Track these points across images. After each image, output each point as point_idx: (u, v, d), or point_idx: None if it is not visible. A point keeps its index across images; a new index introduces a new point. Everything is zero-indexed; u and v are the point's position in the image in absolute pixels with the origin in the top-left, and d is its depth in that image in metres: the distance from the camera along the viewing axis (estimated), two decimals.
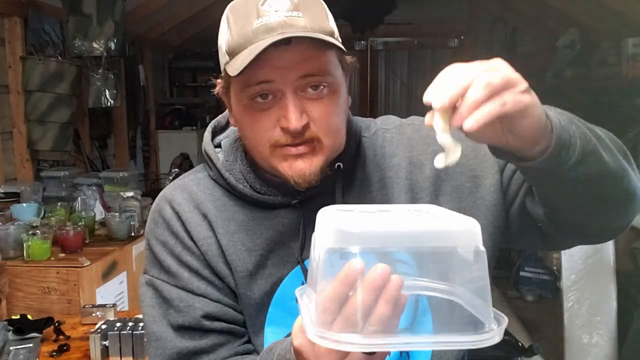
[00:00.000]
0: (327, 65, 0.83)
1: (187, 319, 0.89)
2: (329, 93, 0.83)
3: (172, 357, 0.89)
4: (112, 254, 2.42)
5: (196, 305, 0.89)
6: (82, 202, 2.81)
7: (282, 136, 0.82)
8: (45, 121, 2.96)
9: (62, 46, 3.21)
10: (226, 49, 0.85)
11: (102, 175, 3.29)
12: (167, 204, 0.94)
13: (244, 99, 0.84)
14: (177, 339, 0.89)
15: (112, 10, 3.05)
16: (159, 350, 0.90)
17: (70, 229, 2.36)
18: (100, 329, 1.61)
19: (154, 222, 0.95)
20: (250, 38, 0.79)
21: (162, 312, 0.91)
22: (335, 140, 0.86)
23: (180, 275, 0.91)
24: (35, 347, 1.61)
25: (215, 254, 0.91)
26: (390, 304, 0.57)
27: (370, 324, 0.58)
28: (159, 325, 0.91)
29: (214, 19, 5.48)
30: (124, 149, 4.26)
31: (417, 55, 5.75)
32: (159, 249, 0.93)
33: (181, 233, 0.92)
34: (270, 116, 0.82)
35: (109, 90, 3.15)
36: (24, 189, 2.77)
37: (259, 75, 0.80)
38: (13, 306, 2.19)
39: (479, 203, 0.90)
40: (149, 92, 4.69)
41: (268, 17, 0.79)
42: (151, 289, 0.93)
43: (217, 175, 0.94)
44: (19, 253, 2.27)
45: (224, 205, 0.93)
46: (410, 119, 1.00)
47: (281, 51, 0.79)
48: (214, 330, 0.89)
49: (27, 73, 2.90)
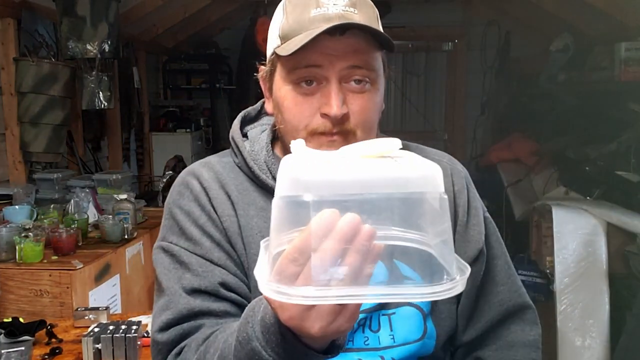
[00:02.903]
0: (374, 62, 0.86)
1: (204, 282, 0.89)
2: (370, 89, 0.86)
3: (182, 313, 0.88)
4: (105, 256, 2.41)
5: (215, 272, 0.90)
6: (75, 205, 2.79)
7: (321, 124, 0.85)
8: (39, 123, 2.95)
9: (55, 48, 3.20)
10: (279, 33, 0.87)
11: (95, 178, 3.28)
12: (195, 179, 0.96)
13: (289, 82, 0.86)
14: (190, 298, 0.89)
15: (106, 12, 3.04)
16: (172, 303, 0.89)
17: (63, 232, 2.35)
18: (93, 332, 1.60)
19: (179, 193, 0.97)
20: (307, 25, 0.82)
21: (179, 276, 0.91)
22: (367, 137, 0.87)
23: (202, 244, 0.92)
24: (27, 350, 1.60)
25: (235, 232, 0.92)
26: (360, 254, 0.54)
27: (338, 274, 0.54)
28: (172, 283, 0.91)
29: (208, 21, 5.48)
30: (117, 151, 4.25)
31: (411, 58, 5.76)
32: (182, 218, 0.94)
33: (207, 206, 0.93)
34: (313, 102, 0.85)
35: (103, 92, 3.14)
36: (17, 191, 2.76)
37: (309, 60, 0.83)
38: (5, 309, 2.18)
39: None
40: (143, 94, 4.68)
41: (326, 8, 0.83)
42: (168, 255, 0.94)
43: (242, 162, 0.96)
44: (11, 255, 2.26)
45: (245, 190, 0.95)
46: (438, 154, 1.04)
47: (334, 40, 0.82)
48: (228, 299, 0.89)
49: (20, 75, 2.89)
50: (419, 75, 5.77)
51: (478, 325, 0.99)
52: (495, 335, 1.00)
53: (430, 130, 5.74)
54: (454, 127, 5.75)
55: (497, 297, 0.99)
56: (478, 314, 0.99)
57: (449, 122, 5.81)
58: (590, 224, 2.91)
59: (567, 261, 2.90)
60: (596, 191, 3.20)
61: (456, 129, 5.73)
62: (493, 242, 1.01)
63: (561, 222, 2.96)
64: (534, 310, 1.04)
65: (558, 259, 2.92)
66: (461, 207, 0.98)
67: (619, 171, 3.21)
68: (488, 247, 0.99)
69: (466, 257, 0.96)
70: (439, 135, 5.73)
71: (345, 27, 0.81)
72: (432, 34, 5.60)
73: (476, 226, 0.98)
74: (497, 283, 1.00)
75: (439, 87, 5.83)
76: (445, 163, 1.02)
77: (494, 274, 1.00)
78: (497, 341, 0.99)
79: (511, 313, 1.00)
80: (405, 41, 5.62)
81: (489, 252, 0.99)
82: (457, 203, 0.98)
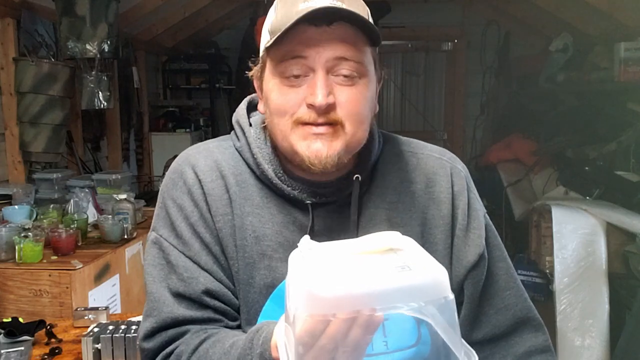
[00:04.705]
0: (362, 55, 0.85)
1: (187, 289, 0.89)
2: (359, 83, 0.85)
3: (166, 321, 0.89)
4: (105, 256, 2.41)
5: (200, 279, 0.90)
6: (74, 205, 2.79)
7: (306, 113, 0.84)
8: (38, 123, 2.95)
9: (55, 48, 3.19)
10: (269, 29, 0.87)
11: (95, 178, 3.28)
12: (190, 168, 0.94)
13: (277, 75, 0.85)
14: (175, 305, 0.90)
15: (105, 11, 3.04)
16: (155, 311, 0.91)
17: (63, 232, 2.35)
18: (93, 332, 1.60)
19: (173, 182, 0.95)
20: (294, 17, 0.81)
21: (164, 275, 0.92)
22: (357, 130, 0.86)
23: (191, 245, 0.91)
24: (26, 350, 1.60)
25: (228, 233, 0.91)
26: (361, 328, 0.61)
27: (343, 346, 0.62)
28: (158, 287, 0.92)
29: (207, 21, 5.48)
30: (117, 151, 4.24)
31: (411, 58, 5.77)
32: (174, 212, 0.93)
33: (201, 203, 0.92)
34: (299, 93, 0.84)
35: (102, 92, 3.14)
36: (16, 191, 2.76)
37: (295, 51, 0.83)
38: (4, 309, 2.18)
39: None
40: (143, 94, 4.67)
41: (314, 2, 0.82)
42: (158, 249, 0.93)
43: (244, 146, 0.94)
44: (11, 255, 2.26)
45: (244, 182, 0.93)
46: (439, 151, 1.01)
47: (321, 31, 0.82)
48: (211, 307, 0.90)
49: (19, 74, 2.89)
50: (419, 75, 5.77)
51: (486, 329, 0.96)
52: (509, 344, 0.97)
53: (430, 130, 5.74)
54: (453, 127, 5.76)
55: (503, 302, 0.97)
56: (484, 318, 0.96)
57: (448, 122, 5.81)
58: (590, 224, 2.91)
59: (566, 261, 2.90)
60: (596, 191, 3.20)
61: (455, 129, 5.73)
62: (494, 246, 0.99)
63: (561, 222, 2.96)
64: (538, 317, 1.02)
65: (557, 259, 2.92)
66: (460, 209, 0.96)
67: (618, 171, 3.21)
68: (489, 251, 0.97)
69: (466, 262, 0.94)
70: (438, 135, 5.73)
71: (330, 15, 0.81)
72: (432, 34, 5.60)
73: (476, 229, 0.96)
74: (502, 288, 0.97)
75: (438, 87, 5.84)
76: (445, 161, 0.99)
77: (497, 278, 0.98)
78: (510, 349, 0.97)
79: (522, 320, 0.97)
80: (405, 41, 5.62)
81: (490, 255, 0.97)
82: (457, 205, 0.96)
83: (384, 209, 0.93)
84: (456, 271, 0.95)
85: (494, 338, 0.97)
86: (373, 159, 0.94)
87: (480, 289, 0.96)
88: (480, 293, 0.96)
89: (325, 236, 0.91)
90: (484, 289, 0.97)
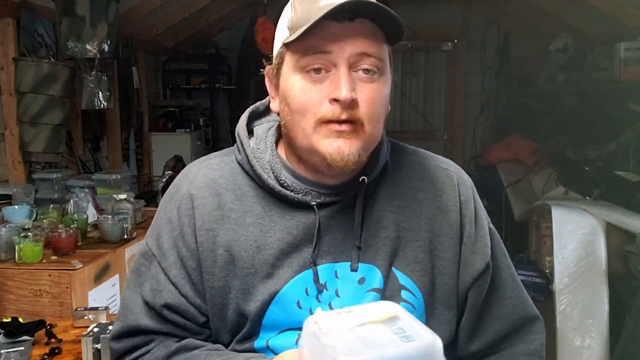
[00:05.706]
0: (382, 51, 0.86)
1: (153, 300, 0.93)
2: (379, 80, 0.86)
3: (130, 328, 0.94)
4: (105, 256, 2.41)
5: (163, 293, 0.93)
6: (74, 205, 2.79)
7: (329, 110, 0.84)
8: (38, 123, 2.95)
9: (55, 48, 3.19)
10: (288, 25, 0.86)
11: (94, 178, 3.28)
12: (187, 183, 0.97)
13: (298, 71, 0.85)
14: (141, 313, 0.93)
15: (105, 11, 3.04)
16: (122, 316, 0.96)
17: (63, 232, 2.35)
18: (93, 332, 1.60)
19: (170, 195, 0.99)
20: (316, 13, 0.81)
21: (140, 282, 0.96)
22: (374, 130, 0.87)
23: (167, 256, 0.94)
24: (26, 350, 1.60)
25: (210, 248, 0.92)
26: None
27: None
28: (131, 293, 0.96)
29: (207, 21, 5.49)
30: (117, 151, 4.25)
31: (411, 58, 5.76)
32: (163, 223, 0.96)
33: (185, 217, 0.93)
34: (322, 90, 0.84)
35: (102, 92, 3.14)
36: (16, 191, 2.76)
37: (318, 46, 0.83)
38: (4, 309, 2.18)
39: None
40: (142, 94, 4.67)
41: None
42: (141, 256, 0.98)
43: (244, 159, 0.95)
44: (11, 255, 2.26)
45: (243, 196, 0.94)
46: (445, 162, 1.03)
47: (344, 27, 0.82)
48: (170, 321, 0.93)
49: (19, 74, 2.89)
50: (419, 75, 5.77)
51: (483, 338, 0.98)
52: (499, 349, 0.99)
53: (430, 130, 5.74)
54: (453, 127, 5.75)
55: (501, 311, 0.98)
56: (482, 327, 0.98)
57: (448, 122, 5.81)
58: (590, 223, 2.91)
59: (566, 261, 2.90)
60: (595, 191, 3.19)
61: (455, 129, 5.73)
62: (498, 254, 1.00)
63: (560, 222, 2.95)
64: (541, 320, 1.03)
65: (557, 258, 2.92)
66: (468, 218, 0.97)
67: (618, 171, 3.21)
68: (493, 260, 0.98)
69: (473, 270, 0.95)
70: (438, 135, 5.73)
71: (353, 10, 0.81)
72: (432, 34, 5.60)
73: (483, 238, 0.97)
74: (502, 296, 0.99)
75: (438, 87, 5.83)
76: (452, 172, 1.01)
77: (499, 287, 0.99)
78: (499, 353, 0.99)
79: (516, 327, 0.99)
80: (405, 41, 5.61)
81: (494, 264, 0.98)
82: (464, 214, 0.97)
83: (391, 212, 0.94)
84: (463, 279, 0.96)
85: (488, 346, 0.99)
86: (381, 162, 0.95)
87: (484, 298, 0.97)
88: (483, 302, 0.98)
89: (329, 237, 0.91)
90: (487, 298, 0.98)
